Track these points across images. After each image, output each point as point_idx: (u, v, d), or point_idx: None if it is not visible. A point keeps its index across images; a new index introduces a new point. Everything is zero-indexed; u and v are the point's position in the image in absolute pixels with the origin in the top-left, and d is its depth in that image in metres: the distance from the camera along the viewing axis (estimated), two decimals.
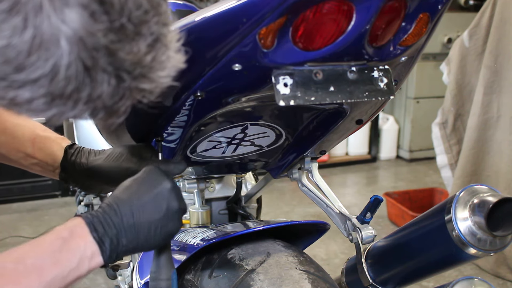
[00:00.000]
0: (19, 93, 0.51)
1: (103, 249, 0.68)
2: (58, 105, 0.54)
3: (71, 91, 0.52)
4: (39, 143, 0.94)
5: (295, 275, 0.81)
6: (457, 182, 2.61)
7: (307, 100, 0.68)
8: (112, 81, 0.53)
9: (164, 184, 0.74)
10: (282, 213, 3.20)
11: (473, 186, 0.93)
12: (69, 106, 0.54)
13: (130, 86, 0.55)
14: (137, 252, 0.74)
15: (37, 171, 0.96)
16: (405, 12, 0.70)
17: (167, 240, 0.75)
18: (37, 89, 0.51)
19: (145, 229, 0.71)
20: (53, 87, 0.51)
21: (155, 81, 0.57)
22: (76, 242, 0.66)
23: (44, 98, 0.52)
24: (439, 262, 0.96)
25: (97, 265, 0.69)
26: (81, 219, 0.69)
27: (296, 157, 1.03)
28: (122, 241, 0.69)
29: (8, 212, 3.19)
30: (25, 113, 0.55)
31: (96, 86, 0.53)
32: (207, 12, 0.68)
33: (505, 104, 2.43)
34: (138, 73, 0.55)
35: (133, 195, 0.72)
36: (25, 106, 0.53)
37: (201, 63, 0.70)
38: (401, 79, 0.84)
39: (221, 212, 1.32)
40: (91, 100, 0.54)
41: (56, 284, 0.64)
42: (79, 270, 0.66)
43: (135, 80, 0.55)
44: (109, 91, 0.54)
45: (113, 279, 1.37)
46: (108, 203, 0.71)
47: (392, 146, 4.40)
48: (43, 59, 0.49)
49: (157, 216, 0.72)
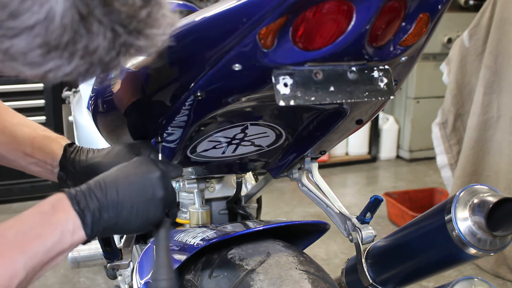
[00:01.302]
0: (14, 43, 0.51)
1: (85, 222, 0.68)
2: (54, 58, 0.53)
3: (66, 41, 0.52)
4: (38, 142, 0.94)
5: (295, 275, 0.81)
6: (457, 182, 2.61)
7: (307, 100, 0.68)
8: (108, 34, 0.53)
9: (154, 172, 0.75)
10: (282, 213, 3.20)
11: (473, 186, 0.93)
12: (65, 59, 0.54)
13: (126, 41, 0.55)
14: (117, 233, 0.75)
15: (35, 172, 0.95)
16: (405, 12, 0.70)
17: (146, 226, 0.75)
18: (33, 39, 0.51)
19: (127, 208, 0.72)
20: (49, 36, 0.51)
21: (150, 38, 0.57)
22: (58, 216, 0.67)
23: (39, 49, 0.52)
24: (439, 262, 0.96)
25: (80, 240, 0.69)
26: (63, 193, 0.70)
27: (296, 157, 1.03)
28: (103, 216, 0.70)
29: (8, 212, 3.18)
30: (21, 68, 0.54)
31: (92, 38, 0.53)
32: (207, 12, 0.68)
33: (505, 104, 2.43)
34: (133, 27, 0.55)
35: (121, 175, 0.74)
36: (20, 59, 0.53)
37: (201, 63, 0.70)
38: (401, 79, 0.84)
39: (221, 212, 1.32)
40: (88, 53, 0.54)
41: (39, 257, 0.64)
42: (62, 244, 0.67)
43: (130, 36, 0.55)
44: (105, 45, 0.54)
45: (113, 279, 1.37)
46: (95, 180, 0.73)
47: (392, 146, 4.40)
48: (38, 4, 0.49)
49: (141, 199, 0.73)
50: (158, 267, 0.75)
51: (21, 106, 3.10)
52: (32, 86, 3.16)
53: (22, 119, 0.96)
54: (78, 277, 2.40)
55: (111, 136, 1.06)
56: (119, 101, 0.94)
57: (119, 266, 1.21)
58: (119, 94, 0.92)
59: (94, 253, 1.32)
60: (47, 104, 3.21)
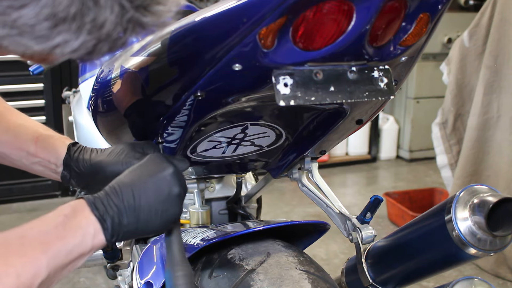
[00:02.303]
0: (22, 13, 0.51)
1: (105, 227, 0.69)
2: (62, 32, 0.53)
3: (74, 13, 0.52)
4: (42, 141, 0.93)
5: (295, 275, 0.81)
6: (457, 182, 2.61)
7: (307, 100, 0.68)
8: (115, 8, 0.54)
9: (167, 169, 0.75)
10: (282, 213, 3.20)
11: (473, 186, 0.93)
12: (73, 33, 0.54)
13: (132, 17, 0.56)
14: (138, 235, 0.75)
15: (38, 171, 0.96)
16: (405, 12, 0.70)
17: (167, 225, 0.75)
18: (40, 9, 0.51)
19: (145, 211, 0.71)
20: (56, 7, 0.51)
21: (157, 14, 0.58)
22: (78, 220, 0.67)
23: (47, 21, 0.52)
24: (439, 262, 0.96)
25: (100, 244, 0.69)
26: (82, 199, 0.70)
27: (296, 157, 1.03)
28: (123, 221, 0.70)
29: (8, 212, 3.19)
30: (29, 42, 0.54)
31: (100, 12, 0.53)
32: (207, 12, 0.68)
33: (505, 104, 2.43)
34: (140, 3, 0.56)
35: (136, 178, 0.73)
36: (28, 32, 0.53)
37: (201, 63, 0.70)
38: (401, 79, 0.84)
39: (221, 212, 1.32)
40: (95, 27, 0.54)
41: (60, 258, 0.64)
42: (83, 247, 0.67)
43: (137, 11, 0.56)
44: (112, 19, 0.54)
45: (113, 279, 1.37)
46: (110, 186, 0.72)
47: (392, 146, 4.40)
48: None
49: (159, 199, 0.72)
50: (174, 264, 0.74)
51: (21, 106, 3.10)
52: (32, 86, 3.16)
53: (26, 120, 0.96)
54: (78, 277, 2.40)
55: (111, 136, 1.06)
56: (119, 101, 0.94)
57: (119, 266, 1.21)
58: (119, 94, 0.92)
59: (94, 253, 1.32)
60: (47, 104, 3.21)
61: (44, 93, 3.19)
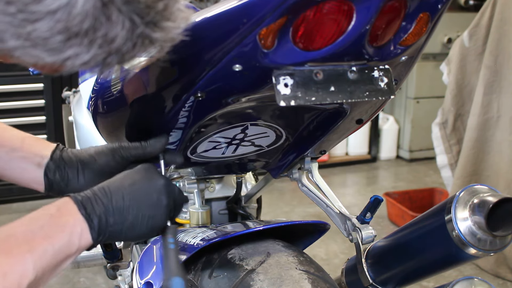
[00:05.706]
0: (36, 27, 0.52)
1: (92, 226, 0.69)
2: (74, 45, 0.54)
3: (87, 28, 0.53)
4: (30, 139, 0.91)
5: (295, 275, 0.81)
6: (457, 182, 2.61)
7: (308, 100, 0.68)
8: (126, 23, 0.55)
9: (159, 180, 0.76)
10: (282, 213, 3.20)
11: (473, 186, 0.93)
12: (85, 47, 0.55)
13: (142, 32, 0.57)
14: (122, 239, 0.75)
15: (15, 170, 0.90)
16: (405, 11, 0.70)
17: (152, 232, 0.76)
18: (55, 24, 0.52)
19: (133, 214, 0.72)
20: (70, 21, 0.52)
21: (166, 30, 0.59)
22: (65, 218, 0.67)
23: (60, 35, 0.53)
24: (439, 262, 0.96)
25: (86, 244, 0.69)
26: (69, 198, 0.70)
27: (296, 157, 1.03)
28: (109, 220, 0.70)
29: (8, 212, 3.18)
30: (41, 54, 0.55)
31: (111, 27, 0.54)
32: (207, 12, 0.68)
33: (505, 104, 2.43)
34: (151, 19, 0.56)
35: (127, 181, 0.74)
36: (41, 44, 0.54)
37: (201, 63, 0.70)
38: (401, 79, 0.84)
39: (221, 212, 1.32)
40: (106, 42, 0.55)
41: (47, 258, 0.64)
42: (69, 247, 0.67)
43: (147, 27, 0.57)
44: (123, 35, 0.55)
45: (113, 279, 1.37)
46: (99, 186, 0.73)
47: (392, 146, 4.40)
48: None
49: (146, 205, 0.73)
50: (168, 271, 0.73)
51: (21, 106, 3.10)
52: (32, 86, 3.16)
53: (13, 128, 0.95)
54: (78, 277, 2.40)
55: (111, 136, 1.06)
56: (119, 102, 0.94)
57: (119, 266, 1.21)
58: (119, 95, 0.92)
59: (94, 253, 1.32)
60: (47, 104, 3.21)
61: (44, 93, 3.19)
